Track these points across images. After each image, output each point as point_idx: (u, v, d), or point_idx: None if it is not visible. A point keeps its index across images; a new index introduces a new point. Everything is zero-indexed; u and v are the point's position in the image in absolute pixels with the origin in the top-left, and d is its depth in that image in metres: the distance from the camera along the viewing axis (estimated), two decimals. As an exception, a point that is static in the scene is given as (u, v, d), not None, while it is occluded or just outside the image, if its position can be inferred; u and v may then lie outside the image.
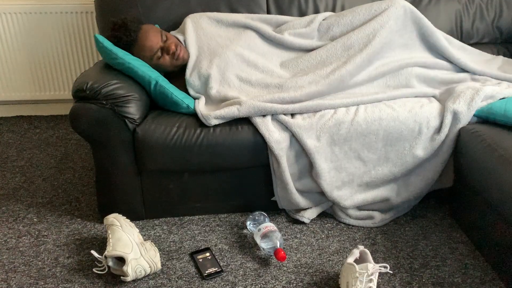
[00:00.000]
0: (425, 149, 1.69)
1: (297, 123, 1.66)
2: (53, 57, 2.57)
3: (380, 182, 1.75)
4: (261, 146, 1.67)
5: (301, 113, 1.71)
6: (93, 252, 1.51)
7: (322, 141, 1.68)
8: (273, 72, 1.86)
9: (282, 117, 1.69)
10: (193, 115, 1.73)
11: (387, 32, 1.84)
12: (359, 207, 1.79)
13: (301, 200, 1.74)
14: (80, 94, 1.59)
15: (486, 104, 1.68)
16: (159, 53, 1.80)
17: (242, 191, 1.80)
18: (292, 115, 1.72)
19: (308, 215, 1.78)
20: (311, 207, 1.79)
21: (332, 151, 1.69)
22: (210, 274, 1.52)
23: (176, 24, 2.04)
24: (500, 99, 1.70)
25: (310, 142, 1.66)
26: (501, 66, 1.99)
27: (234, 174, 1.75)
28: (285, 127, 1.68)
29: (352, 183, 1.74)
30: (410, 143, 1.69)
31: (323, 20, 1.99)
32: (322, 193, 1.75)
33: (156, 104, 1.80)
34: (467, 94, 1.69)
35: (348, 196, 1.74)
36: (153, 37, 1.79)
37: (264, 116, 1.70)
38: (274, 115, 1.70)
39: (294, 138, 1.68)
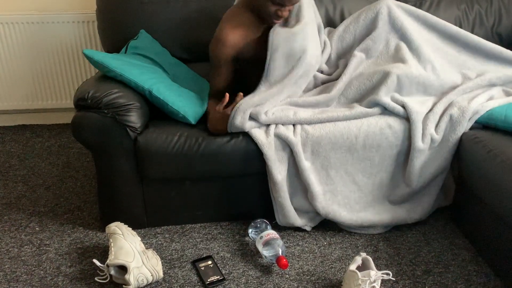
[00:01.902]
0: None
1: (297, 142, 1.65)
2: (55, 66, 2.58)
3: (378, 206, 1.75)
4: (262, 154, 1.67)
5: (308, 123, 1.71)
6: (95, 261, 1.51)
7: (316, 164, 1.69)
8: None
9: (284, 133, 1.66)
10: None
11: None
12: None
13: (299, 221, 1.75)
14: (82, 103, 1.60)
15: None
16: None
17: (244, 198, 1.80)
18: (294, 128, 1.71)
19: (310, 223, 1.78)
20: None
21: (328, 174, 1.70)
22: (212, 283, 1.51)
23: (178, 31, 2.05)
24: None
25: (306, 164, 1.67)
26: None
27: (235, 181, 1.75)
28: (285, 145, 1.67)
29: (348, 206, 1.74)
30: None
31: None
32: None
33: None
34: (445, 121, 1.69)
35: (347, 219, 1.73)
36: None
37: (266, 134, 1.67)
38: (276, 131, 1.68)
39: (292, 159, 1.68)
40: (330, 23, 2.12)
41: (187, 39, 2.07)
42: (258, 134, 1.67)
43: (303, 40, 1.70)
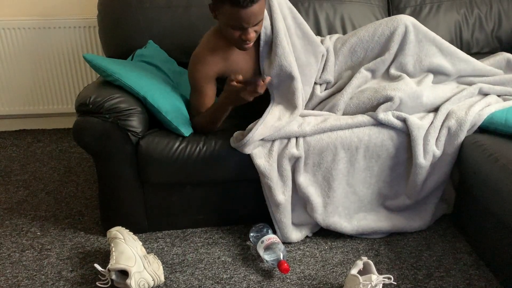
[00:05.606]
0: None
1: (300, 156, 1.64)
2: (56, 71, 2.59)
3: (377, 214, 1.76)
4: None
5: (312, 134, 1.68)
6: (96, 265, 1.51)
7: (318, 176, 1.68)
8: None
9: (291, 151, 1.63)
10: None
11: None
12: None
13: (300, 236, 1.74)
14: (83, 108, 1.60)
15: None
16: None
17: (245, 203, 1.80)
18: (297, 140, 1.68)
19: (311, 231, 1.78)
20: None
21: (330, 186, 1.69)
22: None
23: (178, 36, 2.06)
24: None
25: (304, 177, 1.67)
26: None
27: (236, 186, 1.75)
28: (288, 162, 1.65)
29: (348, 217, 1.74)
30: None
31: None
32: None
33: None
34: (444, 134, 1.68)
35: (348, 229, 1.73)
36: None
37: (269, 153, 1.65)
38: (283, 151, 1.65)
39: (293, 174, 1.68)
40: (331, 28, 2.13)
41: (188, 43, 2.07)
42: (258, 155, 1.64)
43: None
